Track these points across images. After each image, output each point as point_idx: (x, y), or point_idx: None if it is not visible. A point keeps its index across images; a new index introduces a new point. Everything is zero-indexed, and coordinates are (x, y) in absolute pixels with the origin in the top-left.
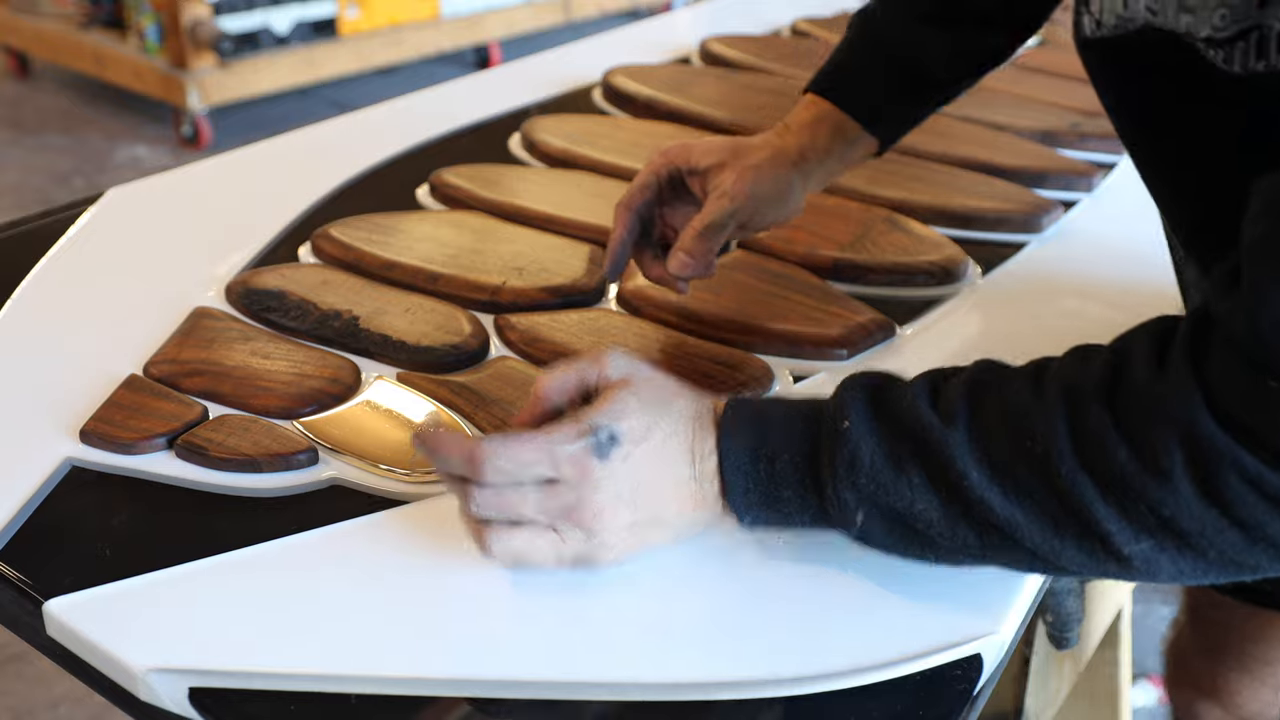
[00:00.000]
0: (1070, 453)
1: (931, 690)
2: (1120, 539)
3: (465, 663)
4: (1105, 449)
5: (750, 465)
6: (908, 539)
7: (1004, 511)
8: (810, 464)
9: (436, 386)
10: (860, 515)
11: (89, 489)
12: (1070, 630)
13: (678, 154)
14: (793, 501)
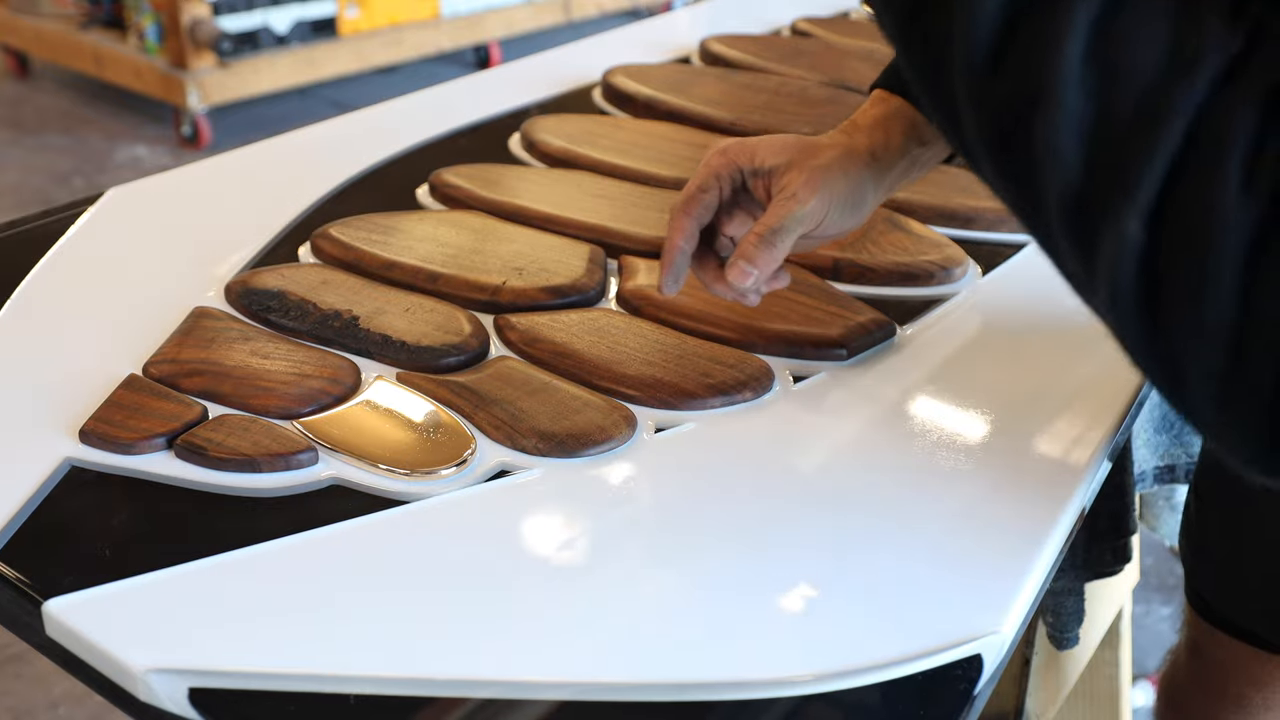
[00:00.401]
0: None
1: (932, 690)
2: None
3: (465, 663)
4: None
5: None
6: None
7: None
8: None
9: (436, 386)
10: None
11: (88, 489)
12: (1070, 630)
13: (739, 152)
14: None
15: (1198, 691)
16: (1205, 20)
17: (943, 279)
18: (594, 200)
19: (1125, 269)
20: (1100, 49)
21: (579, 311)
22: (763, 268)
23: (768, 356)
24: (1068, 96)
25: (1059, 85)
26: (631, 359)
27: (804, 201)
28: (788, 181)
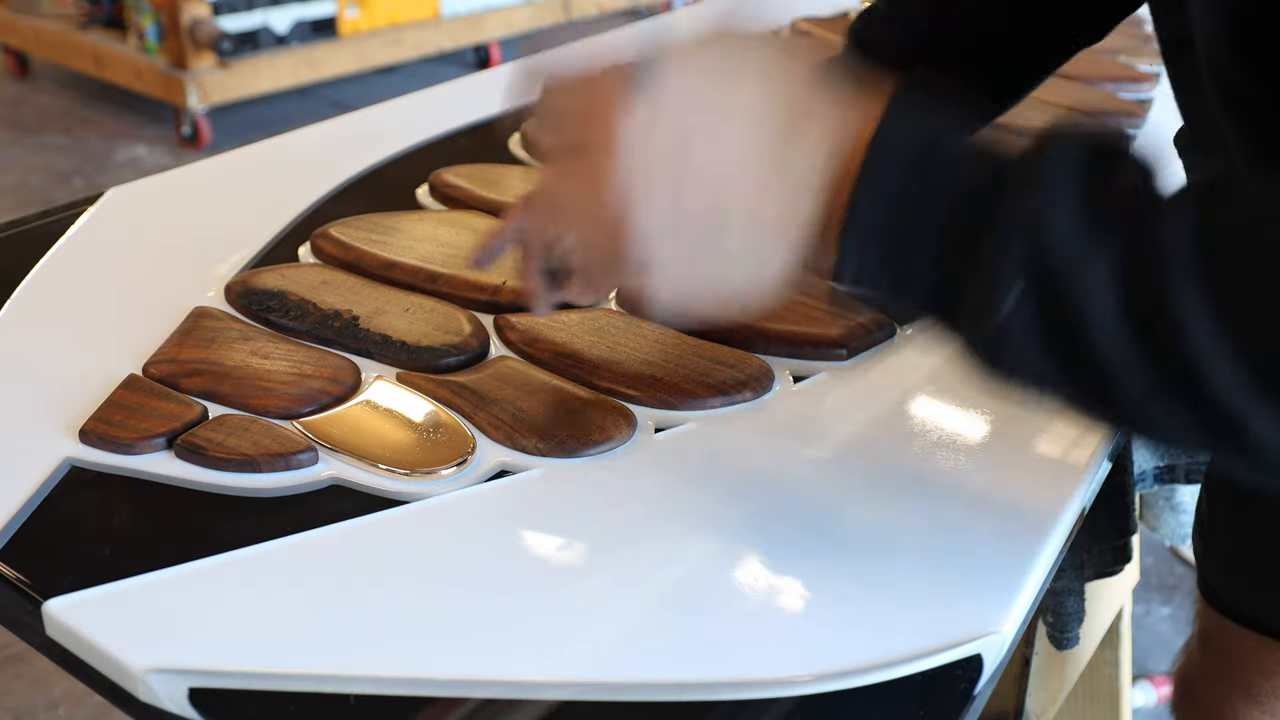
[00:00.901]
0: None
1: (932, 690)
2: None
3: (465, 663)
4: None
5: (901, 178)
6: (1047, 351)
7: (1198, 351)
8: (980, 202)
9: (436, 386)
10: (1014, 296)
11: (88, 489)
12: (1070, 630)
13: None
14: (927, 253)
15: (1210, 682)
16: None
17: None
18: None
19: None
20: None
21: (579, 311)
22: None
23: (768, 356)
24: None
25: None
26: (631, 359)
27: None
28: None
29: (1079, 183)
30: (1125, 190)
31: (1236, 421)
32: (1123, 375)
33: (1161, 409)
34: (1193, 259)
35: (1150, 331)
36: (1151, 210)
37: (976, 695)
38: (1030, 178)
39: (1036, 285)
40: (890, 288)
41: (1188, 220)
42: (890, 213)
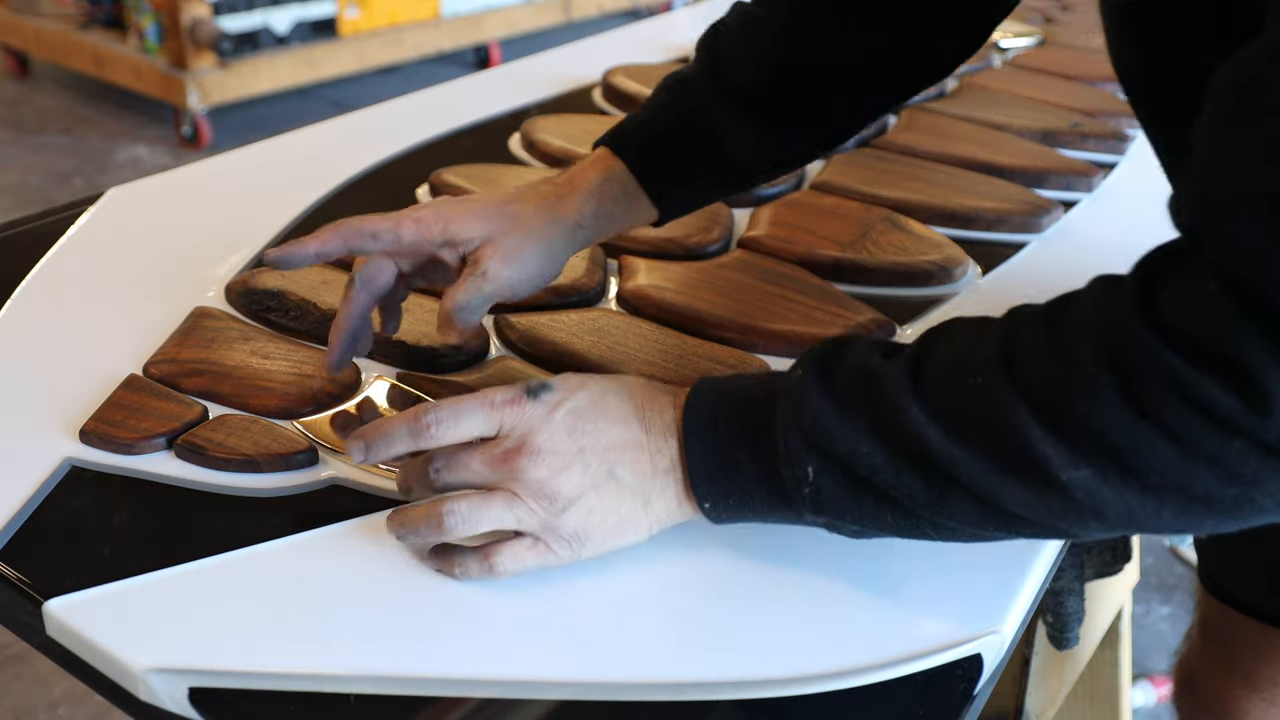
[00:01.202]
0: (1002, 377)
1: (932, 690)
2: (1057, 464)
3: (465, 663)
4: (1035, 365)
5: (710, 428)
6: (859, 495)
7: (943, 449)
8: (765, 418)
9: (436, 387)
10: (810, 468)
11: (89, 489)
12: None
13: (431, 226)
14: (747, 467)
15: (1210, 671)
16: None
17: (943, 279)
18: None
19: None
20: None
21: (579, 311)
22: (455, 340)
23: (768, 356)
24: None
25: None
26: (631, 359)
27: (494, 279)
28: (481, 255)
29: (820, 378)
30: (856, 371)
31: (999, 502)
32: (907, 497)
33: (943, 513)
34: (910, 396)
35: (910, 454)
36: (878, 375)
37: (976, 695)
38: (789, 393)
39: (821, 458)
40: (738, 504)
41: (900, 373)
42: (712, 453)
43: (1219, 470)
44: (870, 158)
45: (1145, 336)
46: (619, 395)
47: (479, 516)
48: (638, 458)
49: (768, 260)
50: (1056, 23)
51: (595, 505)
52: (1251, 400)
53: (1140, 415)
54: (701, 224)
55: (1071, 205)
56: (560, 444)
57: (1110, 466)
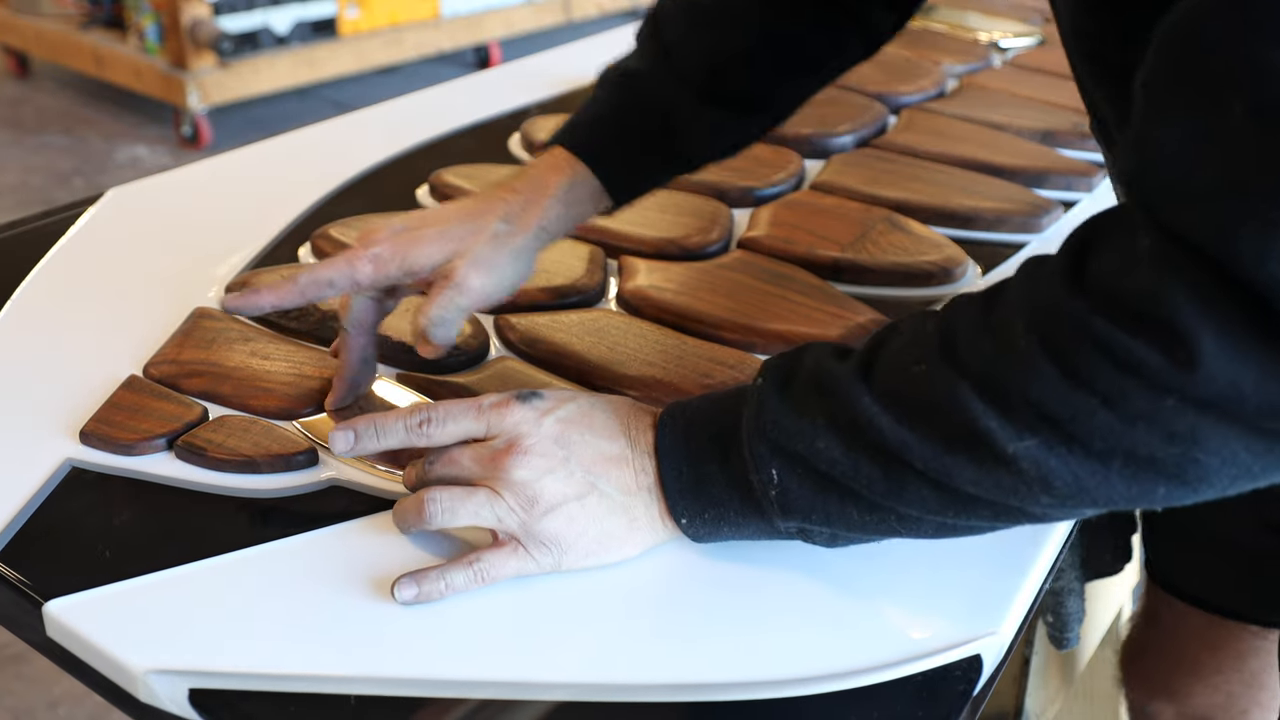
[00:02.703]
0: (941, 359)
1: (931, 691)
2: (1001, 437)
3: (464, 664)
4: (972, 344)
5: (683, 444)
6: (823, 492)
7: (894, 435)
8: (730, 428)
9: (436, 387)
10: (774, 470)
11: (89, 490)
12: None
13: (390, 261)
14: (719, 479)
15: (1155, 657)
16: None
17: (943, 279)
18: None
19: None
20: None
21: (579, 312)
22: (432, 355)
23: (768, 356)
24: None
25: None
26: (631, 359)
27: (468, 291)
28: (451, 269)
29: (778, 384)
30: (811, 372)
31: (951, 482)
32: (866, 488)
33: (903, 499)
34: (862, 388)
35: (865, 444)
36: (831, 373)
37: (976, 695)
38: (751, 402)
39: (783, 458)
40: (714, 517)
41: (851, 370)
42: (685, 467)
43: (1157, 430)
44: (870, 158)
45: (1072, 304)
46: (606, 411)
47: (458, 507)
48: (622, 473)
49: (767, 260)
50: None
51: (576, 514)
52: (1178, 356)
53: (1076, 383)
54: (701, 224)
55: (1071, 205)
56: (546, 449)
57: (1054, 435)
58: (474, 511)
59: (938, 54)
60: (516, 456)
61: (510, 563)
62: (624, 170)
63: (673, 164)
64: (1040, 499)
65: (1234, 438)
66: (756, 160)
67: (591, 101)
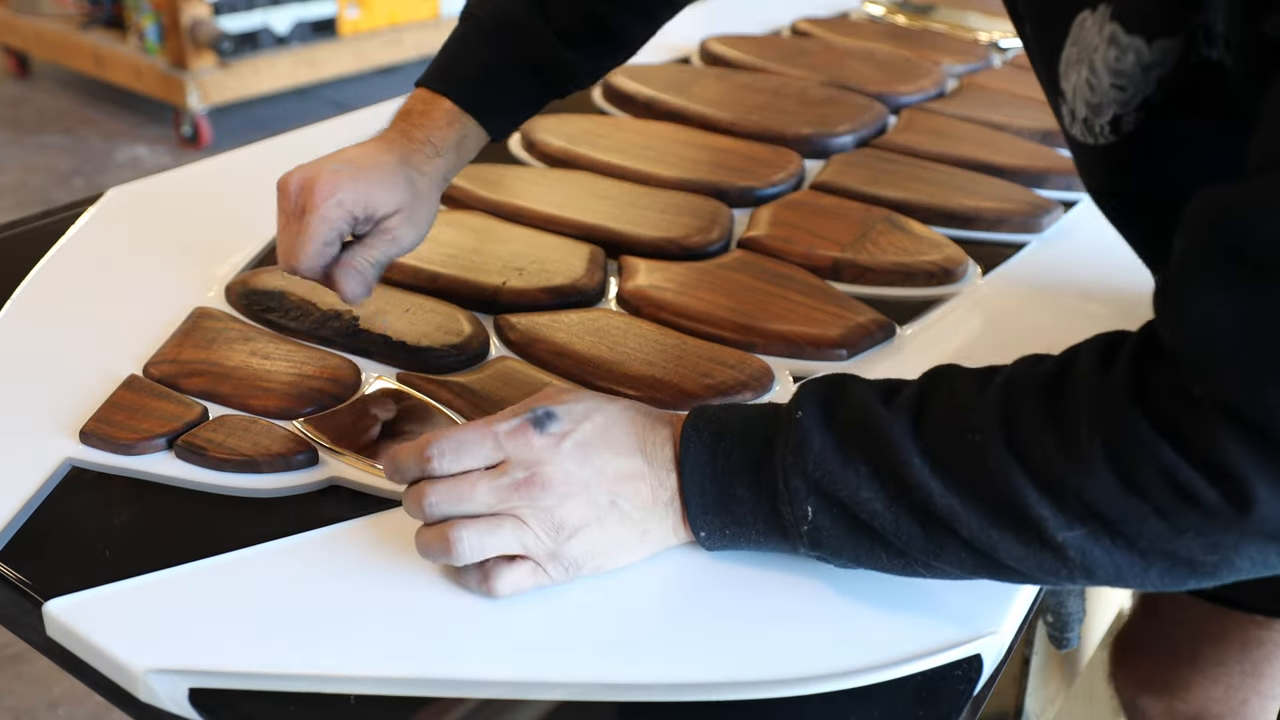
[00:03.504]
0: (1002, 440)
1: (932, 691)
2: (1052, 525)
3: (465, 664)
4: (1035, 435)
5: (709, 461)
6: (856, 535)
7: (943, 501)
8: (764, 454)
9: (436, 387)
10: (810, 507)
11: (89, 489)
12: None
13: (355, 203)
14: (746, 501)
15: (1152, 650)
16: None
17: (943, 279)
18: (594, 200)
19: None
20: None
21: (579, 312)
22: (347, 297)
23: (768, 356)
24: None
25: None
26: (631, 359)
27: (403, 243)
28: (390, 224)
29: (821, 418)
30: (857, 414)
31: (994, 554)
32: (904, 542)
33: (939, 558)
34: (913, 448)
35: (911, 503)
36: (880, 421)
37: (976, 695)
38: (788, 432)
39: (821, 499)
40: (734, 534)
41: (902, 423)
42: (710, 486)
43: (1203, 541)
44: (870, 158)
45: (1138, 423)
46: (622, 426)
47: (487, 544)
48: (639, 489)
49: (768, 260)
50: None
51: (598, 535)
52: (1235, 499)
53: (1132, 491)
54: (701, 224)
55: (1071, 205)
56: (569, 476)
57: (1102, 530)
58: (503, 545)
59: (938, 54)
60: (542, 488)
61: (528, 581)
62: (508, 118)
63: (546, 101)
64: (1078, 580)
65: (1273, 551)
66: (756, 160)
67: (469, 49)
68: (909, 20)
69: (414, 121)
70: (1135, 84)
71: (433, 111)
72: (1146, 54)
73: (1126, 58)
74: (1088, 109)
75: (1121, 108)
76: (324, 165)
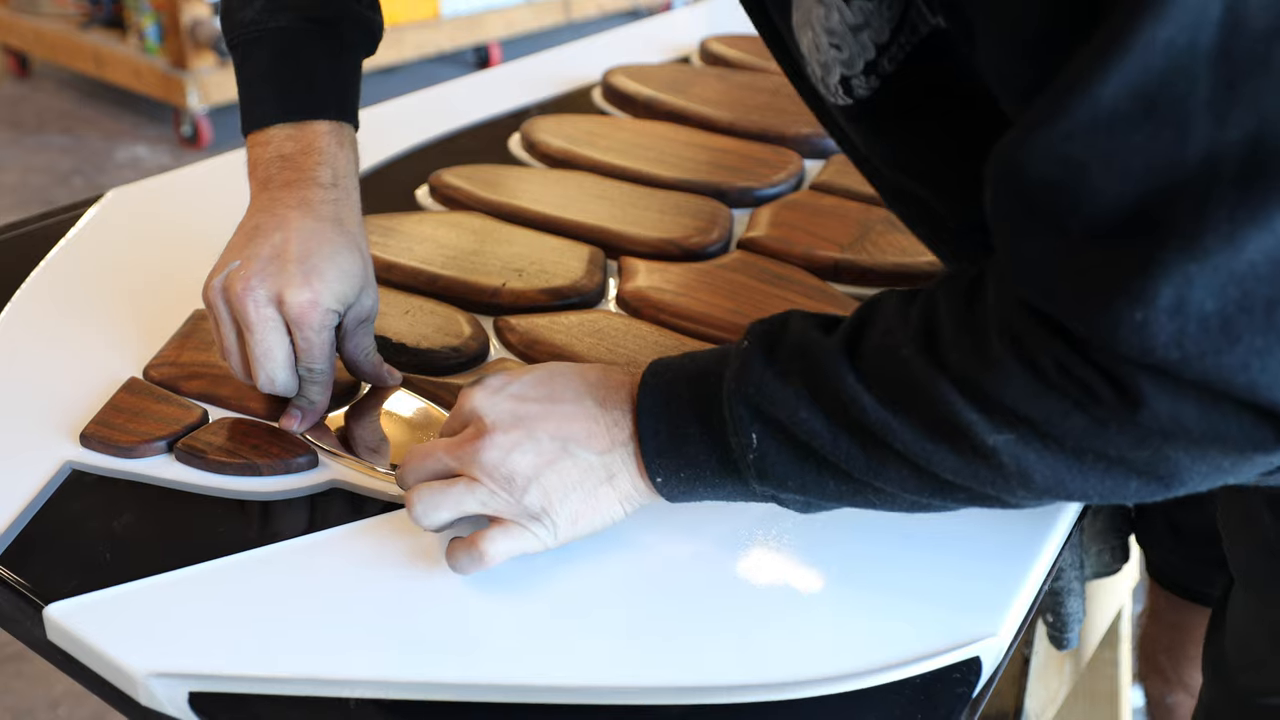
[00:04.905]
0: (924, 351)
1: (930, 694)
2: (981, 430)
3: (464, 667)
4: (952, 343)
5: (663, 404)
6: (802, 462)
7: (877, 415)
8: (712, 388)
9: (436, 389)
10: (754, 434)
11: (89, 493)
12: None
13: (338, 305)
14: (696, 438)
15: (1164, 650)
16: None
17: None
18: (594, 201)
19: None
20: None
21: (578, 313)
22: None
23: None
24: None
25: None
26: (631, 360)
27: (375, 314)
28: (365, 306)
29: (764, 348)
30: (797, 341)
31: (931, 468)
32: (845, 462)
33: (881, 477)
34: (847, 366)
35: (848, 420)
36: (817, 345)
37: (976, 698)
38: (734, 364)
39: (764, 424)
40: (690, 477)
41: (837, 346)
42: (663, 426)
43: (1127, 436)
44: None
45: (1035, 326)
46: (565, 376)
47: (440, 500)
48: (592, 432)
49: (767, 261)
50: None
51: (554, 482)
52: (1124, 396)
53: (1045, 388)
54: (701, 224)
55: None
56: (507, 423)
57: (1031, 433)
58: (456, 502)
59: None
60: (482, 439)
61: (504, 540)
62: (357, 106)
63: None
64: (1017, 491)
65: (1214, 451)
66: (756, 160)
67: (289, 64)
68: None
69: (301, 165)
70: (849, 44)
71: (313, 142)
72: (849, 14)
73: (832, 16)
74: (820, 68)
75: (847, 68)
76: (285, 269)
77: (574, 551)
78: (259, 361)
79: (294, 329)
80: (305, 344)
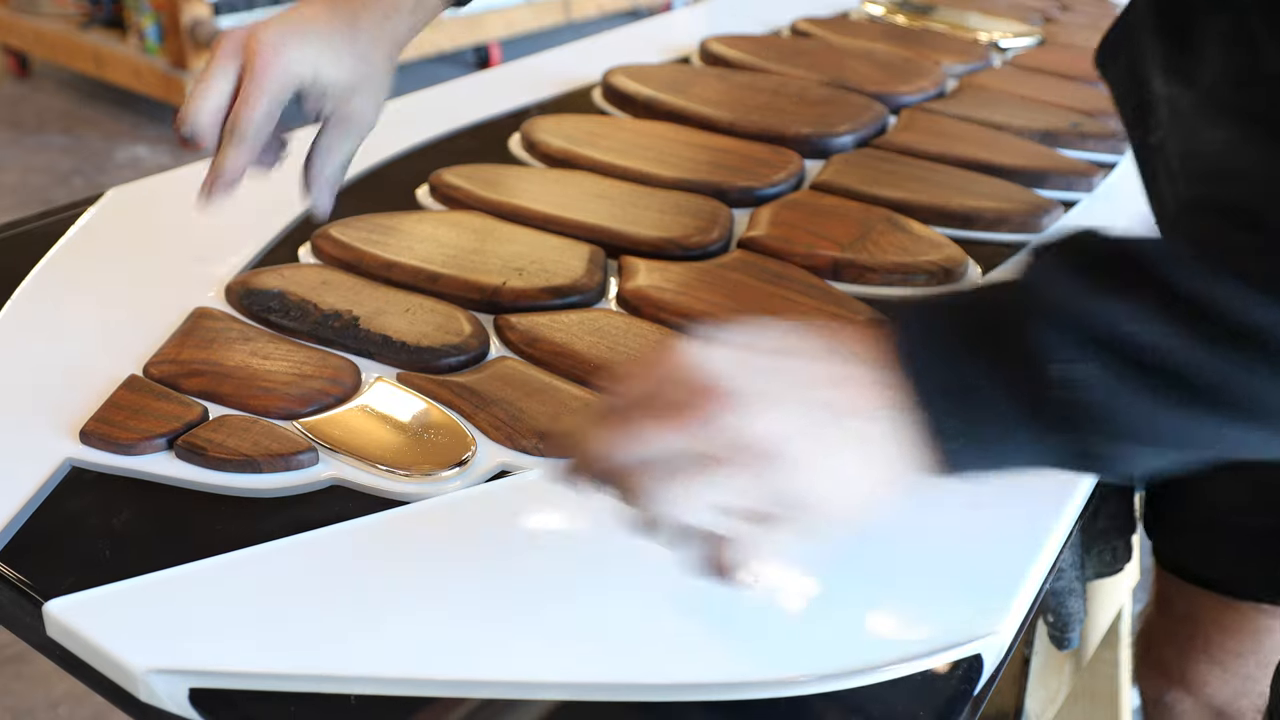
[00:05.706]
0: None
1: (932, 691)
2: None
3: (465, 663)
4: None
5: (937, 346)
6: (1135, 382)
7: (1240, 313)
8: (999, 317)
9: (437, 387)
10: (1068, 363)
11: (89, 490)
12: (1071, 630)
13: (303, 70)
14: (986, 382)
15: (1170, 644)
16: None
17: (943, 279)
18: (594, 200)
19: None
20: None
21: (579, 312)
22: (318, 205)
23: None
24: None
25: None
26: (631, 360)
27: (366, 123)
28: (353, 107)
29: (1061, 269)
30: (1106, 253)
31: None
32: (1193, 371)
33: (1246, 386)
34: (1175, 264)
35: (1191, 319)
36: (1130, 248)
37: (977, 696)
38: (1018, 284)
39: (1083, 347)
40: (990, 433)
41: (1168, 249)
42: (948, 371)
43: None
44: (870, 158)
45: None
46: (798, 331)
47: (685, 494)
48: (850, 393)
49: (768, 260)
50: (1056, 23)
51: (815, 456)
52: None
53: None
54: (701, 224)
55: (1071, 205)
56: (760, 387)
57: None
58: (709, 496)
59: (938, 54)
60: (732, 409)
61: (768, 541)
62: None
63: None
64: None
65: None
66: (756, 160)
67: None
68: (909, 20)
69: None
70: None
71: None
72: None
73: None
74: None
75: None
76: (267, 25)
77: (573, 550)
78: (191, 95)
79: (244, 71)
80: (244, 91)
